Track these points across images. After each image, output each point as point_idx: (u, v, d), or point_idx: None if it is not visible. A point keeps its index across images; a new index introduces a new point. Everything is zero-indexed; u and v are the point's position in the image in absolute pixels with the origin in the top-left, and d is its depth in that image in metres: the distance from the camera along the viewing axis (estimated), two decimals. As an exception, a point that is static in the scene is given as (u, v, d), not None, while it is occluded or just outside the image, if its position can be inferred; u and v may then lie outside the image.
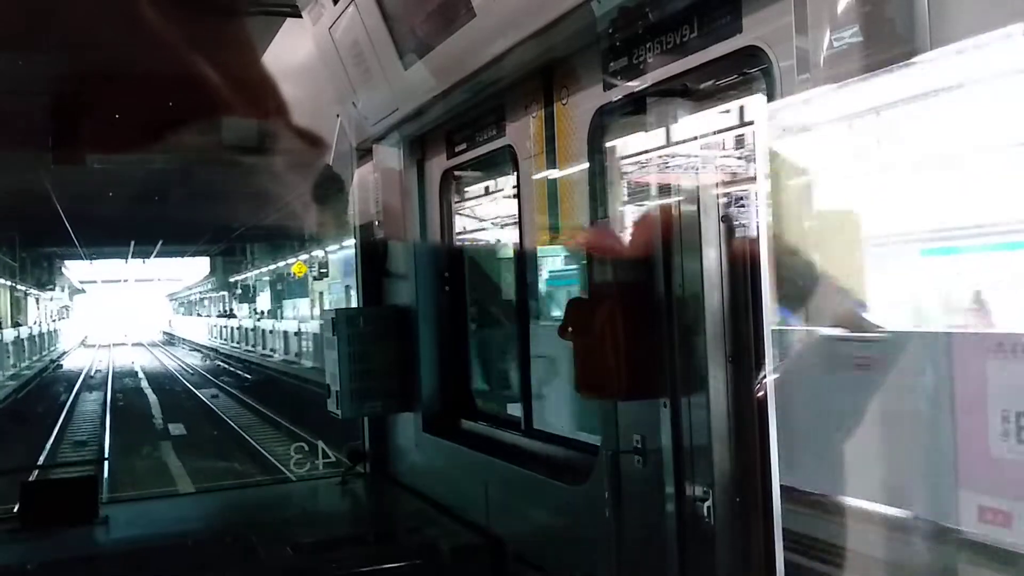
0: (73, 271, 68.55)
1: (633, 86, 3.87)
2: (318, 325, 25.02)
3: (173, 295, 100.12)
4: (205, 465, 16.26)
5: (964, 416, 2.18)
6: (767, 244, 2.72)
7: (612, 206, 4.12)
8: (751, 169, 3.38)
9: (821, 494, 2.54)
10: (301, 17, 6.11)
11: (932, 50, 2.23)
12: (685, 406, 3.59)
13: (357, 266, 7.15)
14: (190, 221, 29.50)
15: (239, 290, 59.32)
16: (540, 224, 5.12)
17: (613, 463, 3.96)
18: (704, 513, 3.45)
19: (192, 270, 69.28)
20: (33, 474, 12.92)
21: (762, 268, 2.75)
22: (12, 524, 5.78)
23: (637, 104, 3.82)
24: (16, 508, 5.94)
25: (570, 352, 4.13)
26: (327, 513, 6.51)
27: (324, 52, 6.03)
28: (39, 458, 5.38)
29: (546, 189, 4.96)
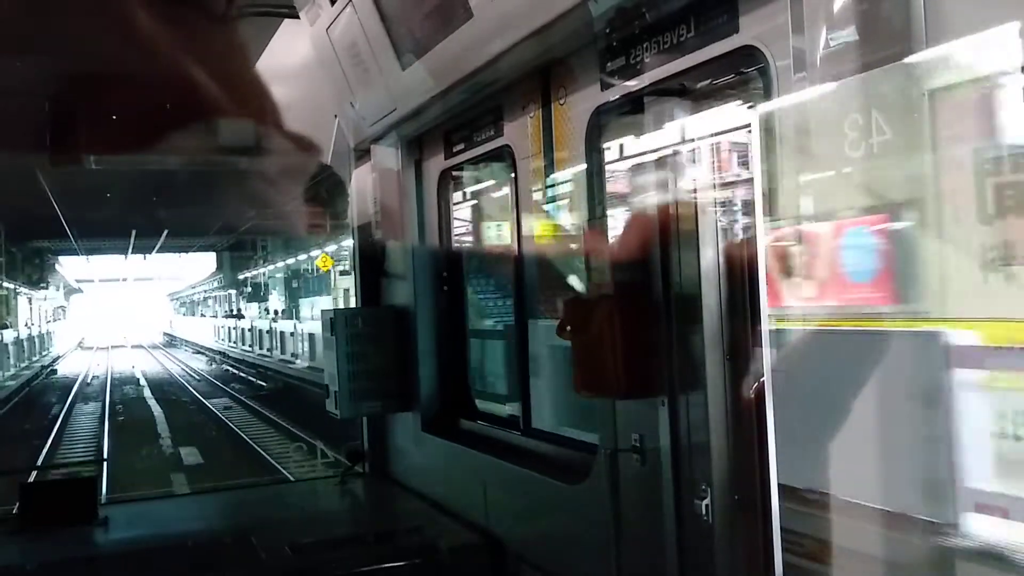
0: (68, 269, 64.86)
1: (630, 86, 3.88)
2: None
3: (174, 295, 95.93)
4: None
5: (961, 412, 2.19)
6: (764, 243, 2.73)
7: (610, 205, 4.13)
8: (748, 168, 3.39)
9: (819, 491, 2.55)
10: (299, 18, 6.12)
11: (928, 49, 2.24)
12: (683, 404, 3.60)
13: (355, 266, 7.16)
14: (196, 212, 26.95)
15: (249, 288, 54.53)
16: (538, 223, 5.12)
17: (612, 462, 3.97)
18: (702, 511, 3.46)
19: (197, 267, 64.74)
20: (32, 475, 12.95)
21: (759, 267, 2.76)
22: (12, 525, 5.78)
23: (635, 104, 3.83)
24: (16, 509, 5.94)
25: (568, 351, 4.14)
26: (326, 513, 6.51)
27: (322, 53, 6.04)
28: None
29: (544, 188, 4.97)
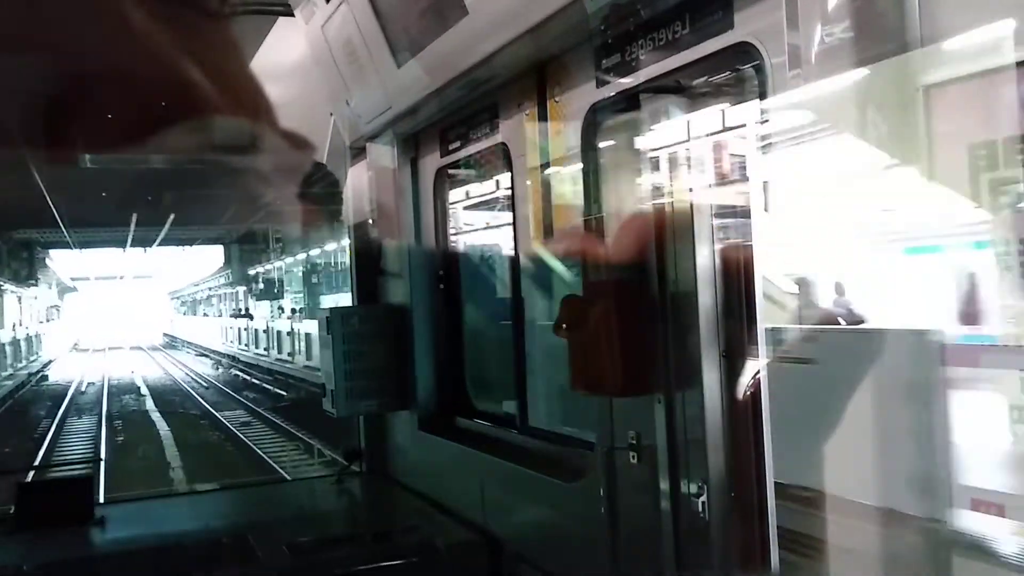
0: (61, 265, 59.15)
1: (626, 83, 3.87)
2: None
3: (175, 293, 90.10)
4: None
5: (957, 409, 2.19)
6: (760, 241, 2.73)
7: (606, 203, 4.12)
8: (744, 166, 3.39)
9: (815, 489, 2.55)
10: (293, 16, 6.10)
11: (922, 46, 2.24)
12: (679, 402, 3.60)
13: (352, 265, 7.15)
14: (204, 198, 23.58)
15: (260, 284, 47.67)
16: (534, 221, 5.12)
17: (608, 459, 3.97)
18: (699, 508, 3.46)
19: (202, 262, 58.76)
20: (29, 475, 12.94)
21: (755, 265, 2.76)
22: (8, 525, 5.77)
23: (630, 101, 3.83)
24: (12, 509, 5.93)
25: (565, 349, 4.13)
26: (324, 512, 6.51)
27: (317, 51, 6.03)
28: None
29: (540, 186, 4.96)
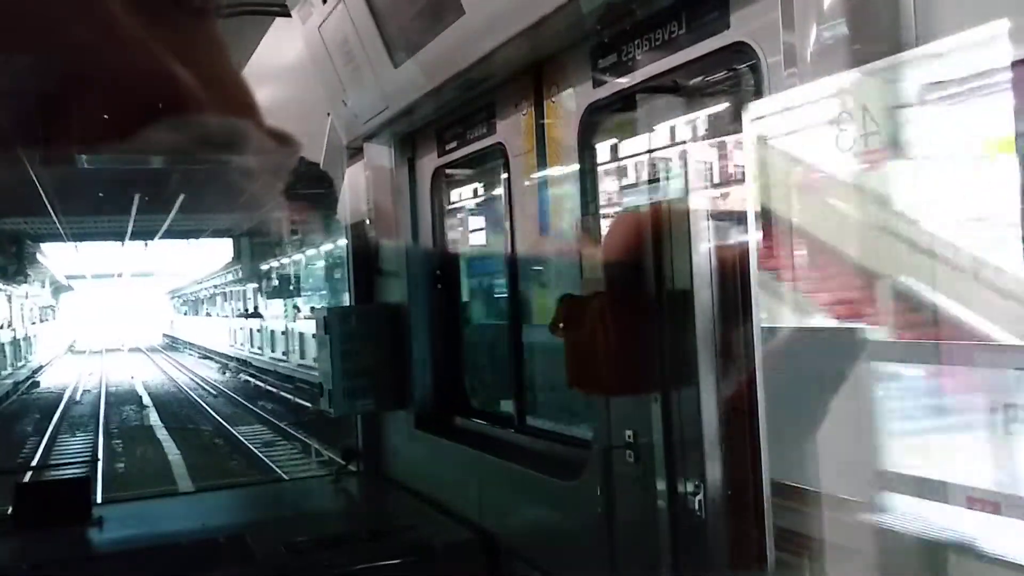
0: (54, 261, 54.39)
1: (622, 83, 3.88)
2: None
3: (176, 292, 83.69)
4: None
5: (952, 407, 2.20)
6: (756, 240, 2.74)
7: (603, 203, 4.13)
8: (741, 165, 3.39)
9: (811, 487, 2.55)
10: (290, 16, 6.10)
11: (918, 45, 2.24)
12: (676, 401, 3.60)
13: (348, 264, 7.15)
14: (214, 179, 19.90)
15: (274, 281, 41.74)
16: (531, 221, 5.12)
17: (605, 458, 3.98)
18: (695, 507, 3.47)
19: (207, 257, 52.45)
20: (27, 475, 12.93)
21: (751, 264, 2.77)
22: (6, 525, 5.76)
23: (627, 101, 3.84)
24: (10, 509, 5.92)
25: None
26: (321, 512, 6.51)
27: (314, 51, 6.03)
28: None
29: (537, 186, 4.97)
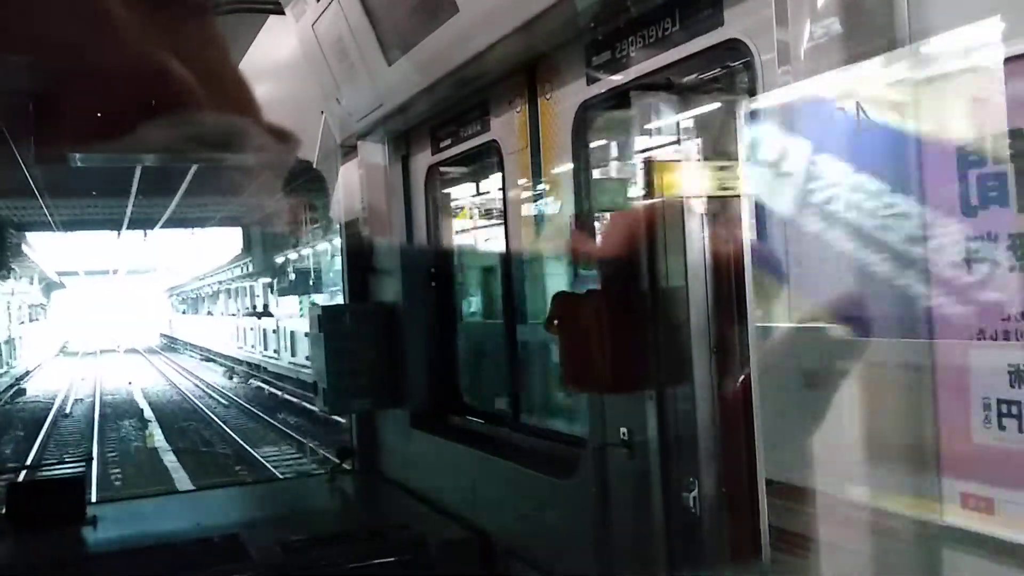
0: (44, 254, 50.54)
1: (616, 80, 3.88)
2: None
3: (175, 289, 79.24)
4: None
5: (946, 405, 2.20)
6: (750, 238, 2.74)
7: (597, 200, 4.13)
8: (734, 163, 3.39)
9: (805, 485, 2.56)
10: (284, 14, 6.09)
11: (912, 42, 2.25)
12: (671, 399, 3.61)
13: (343, 263, 7.14)
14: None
15: (291, 275, 36.77)
16: (525, 219, 5.12)
17: (600, 456, 3.98)
18: (690, 503, 3.47)
19: (213, 249, 48.10)
20: (21, 475, 12.90)
21: (746, 262, 2.77)
22: (0, 526, 5.75)
23: (621, 99, 3.83)
24: (4, 510, 5.91)
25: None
26: (316, 511, 6.50)
27: (308, 49, 6.01)
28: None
29: (531, 184, 4.96)
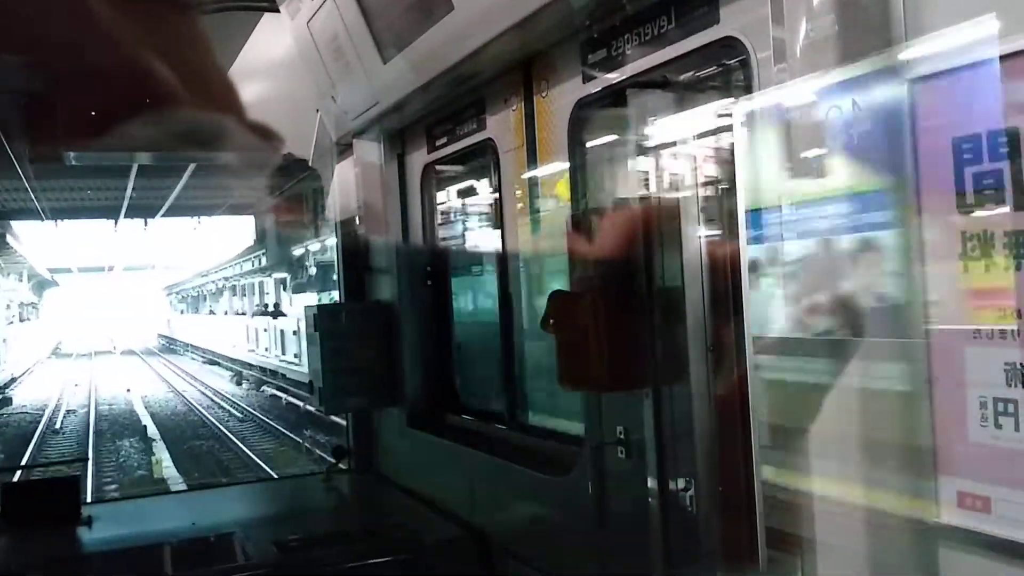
0: (34, 248, 46.62)
1: (612, 78, 3.87)
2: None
3: (174, 287, 74.34)
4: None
5: (943, 404, 2.20)
6: (746, 237, 2.73)
7: (593, 199, 4.12)
8: (731, 161, 3.38)
9: (802, 484, 2.55)
10: (279, 12, 6.07)
11: (908, 40, 2.24)
12: (667, 397, 3.61)
13: (338, 262, 7.14)
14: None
15: (311, 268, 32.45)
16: (521, 217, 5.12)
17: (596, 455, 3.98)
18: (687, 503, 3.47)
19: (221, 240, 43.07)
20: (16, 475, 12.87)
21: (742, 261, 2.76)
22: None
23: (617, 96, 3.82)
24: None
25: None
26: (312, 510, 6.50)
27: (302, 47, 6.00)
28: None
29: (527, 182, 4.96)
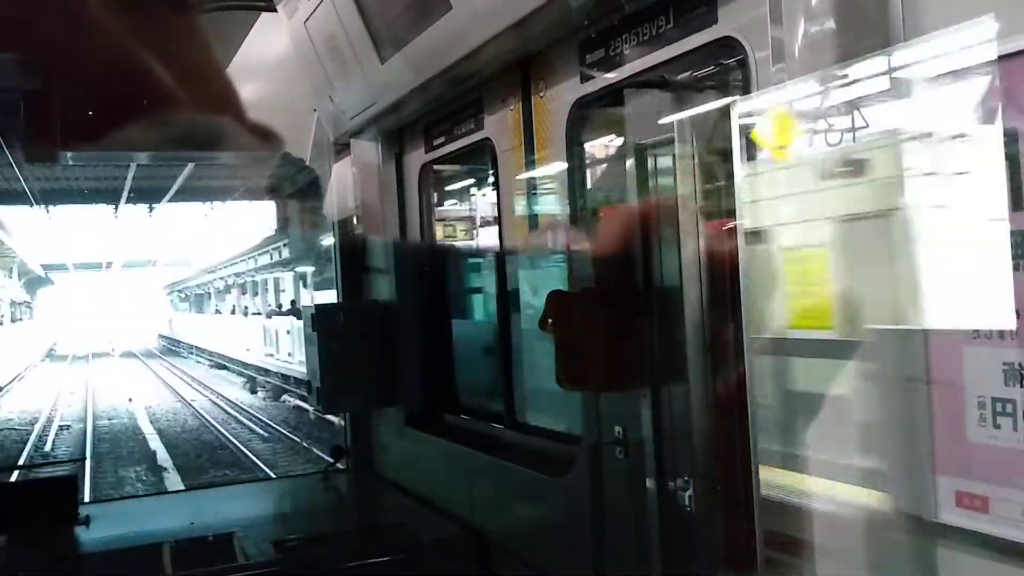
0: (25, 242, 43.05)
1: (610, 78, 3.87)
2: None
3: (176, 285, 70.77)
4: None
5: (941, 404, 2.20)
6: (744, 237, 2.74)
7: (591, 199, 4.13)
8: (728, 161, 3.39)
9: (799, 483, 2.56)
10: (276, 11, 6.07)
11: (905, 40, 2.24)
12: (665, 397, 3.61)
13: (336, 261, 7.14)
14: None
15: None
16: (519, 217, 5.11)
17: (595, 454, 3.98)
18: (685, 502, 3.47)
19: (233, 230, 37.89)
20: (14, 475, 12.84)
21: (740, 261, 2.77)
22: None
23: (614, 96, 3.82)
24: None
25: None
26: (310, 510, 6.50)
27: (300, 46, 5.99)
28: None
29: (524, 182, 4.96)
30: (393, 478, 6.45)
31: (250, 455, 19.00)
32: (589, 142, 4.17)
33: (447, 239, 6.44)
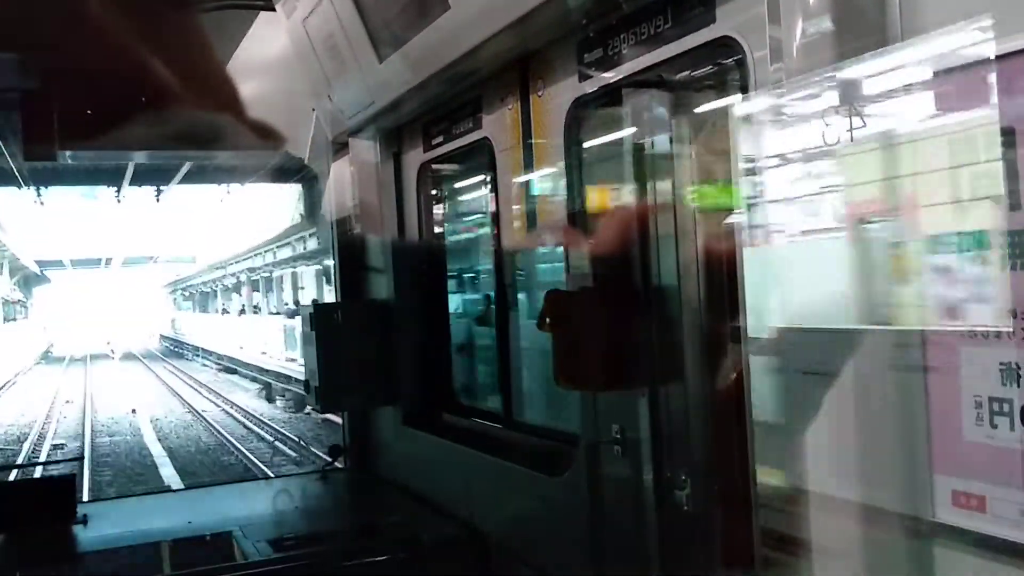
0: (17, 237, 41.06)
1: (609, 78, 3.87)
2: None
3: (179, 283, 67.62)
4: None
5: (938, 403, 2.20)
6: (743, 236, 2.74)
7: (589, 198, 4.13)
8: (727, 160, 3.39)
9: (797, 483, 2.56)
10: (275, 10, 6.07)
11: (903, 40, 2.25)
12: (663, 396, 3.61)
13: (334, 261, 7.14)
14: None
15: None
16: (517, 216, 5.11)
17: (592, 453, 3.98)
18: (682, 501, 3.48)
19: (249, 217, 34.31)
20: (12, 474, 12.83)
21: (738, 260, 2.77)
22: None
23: (613, 96, 3.83)
24: None
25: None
26: (308, 509, 6.50)
27: (298, 45, 5.99)
28: None
29: (523, 181, 4.96)
30: (391, 477, 6.45)
31: (262, 468, 16.33)
32: (587, 141, 4.17)
33: (446, 238, 6.44)
